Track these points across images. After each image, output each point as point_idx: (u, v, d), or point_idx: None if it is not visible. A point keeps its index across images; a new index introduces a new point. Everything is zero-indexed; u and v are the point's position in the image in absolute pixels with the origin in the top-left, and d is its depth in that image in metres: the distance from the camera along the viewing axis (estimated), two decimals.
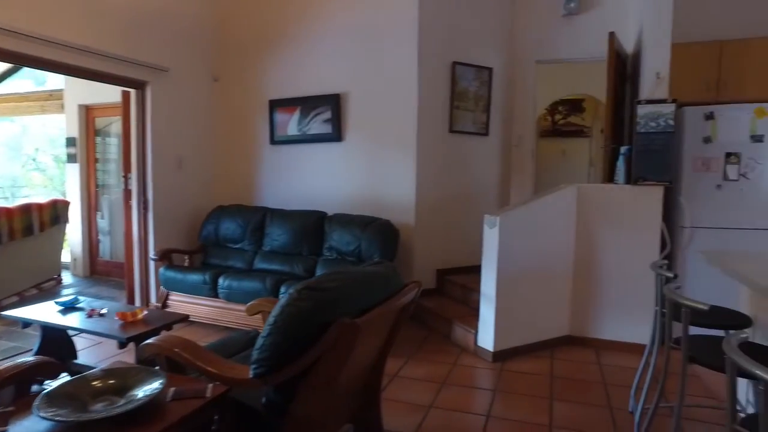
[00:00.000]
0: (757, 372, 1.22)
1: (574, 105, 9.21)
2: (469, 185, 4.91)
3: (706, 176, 3.85)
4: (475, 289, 3.96)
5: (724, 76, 4.02)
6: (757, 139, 3.74)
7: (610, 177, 4.19)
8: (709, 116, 3.81)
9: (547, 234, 3.81)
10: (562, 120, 9.38)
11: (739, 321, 2.43)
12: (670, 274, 2.41)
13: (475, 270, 3.89)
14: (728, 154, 3.80)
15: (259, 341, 1.76)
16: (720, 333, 2.48)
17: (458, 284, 4.48)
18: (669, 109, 3.65)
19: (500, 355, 3.63)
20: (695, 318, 2.03)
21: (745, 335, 1.49)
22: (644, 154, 3.73)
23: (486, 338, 3.66)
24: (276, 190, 5.22)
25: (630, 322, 3.86)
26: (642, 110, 3.71)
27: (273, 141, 5.23)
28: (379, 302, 1.96)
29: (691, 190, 3.88)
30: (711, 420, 2.83)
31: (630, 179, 3.82)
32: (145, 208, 4.63)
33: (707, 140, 3.83)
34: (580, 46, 4.90)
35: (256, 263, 4.68)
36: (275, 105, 5.18)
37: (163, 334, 2.35)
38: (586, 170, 9.03)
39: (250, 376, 1.77)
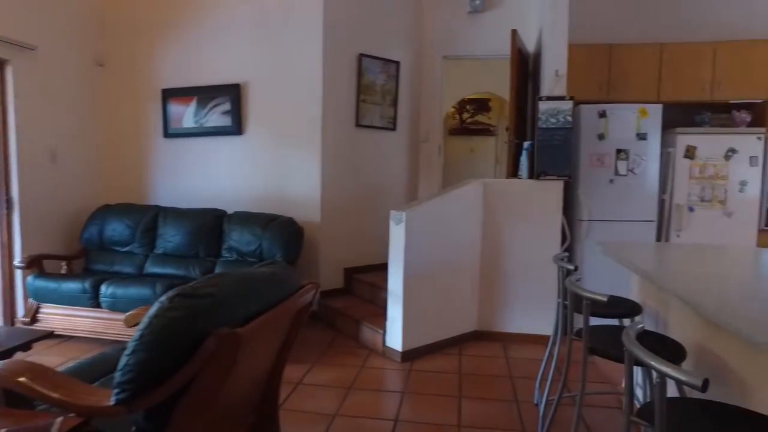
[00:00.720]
0: (653, 363, 1.18)
1: (481, 104, 9.49)
2: (377, 181, 4.80)
3: (600, 171, 4.03)
4: (383, 287, 3.85)
5: (613, 77, 4.24)
6: (641, 136, 3.97)
7: (514, 172, 4.27)
8: (602, 114, 3.98)
9: (455, 229, 3.79)
10: (470, 118, 9.62)
11: (632, 309, 2.51)
12: (571, 267, 2.43)
13: (384, 268, 3.78)
14: (618, 151, 4.00)
15: (122, 360, 1.48)
16: (615, 321, 2.56)
17: (367, 283, 4.35)
18: (567, 105, 3.76)
19: (409, 355, 3.54)
20: (595, 309, 2.03)
21: (640, 326, 1.47)
22: (545, 150, 3.82)
23: (394, 338, 3.55)
24: (170, 187, 4.78)
25: (535, 314, 3.94)
26: (543, 106, 3.79)
27: (167, 134, 4.79)
28: (269, 306, 1.75)
29: (587, 185, 4.04)
30: (610, 404, 2.92)
31: (532, 174, 3.89)
32: (9, 208, 4.01)
33: (601, 137, 4.00)
34: (485, 43, 4.96)
35: (147, 267, 4.24)
36: (169, 94, 4.74)
37: (11, 359, 1.96)
38: (492, 167, 9.35)
39: (112, 402, 1.49)
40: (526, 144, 3.98)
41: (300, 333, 2.10)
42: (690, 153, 4.04)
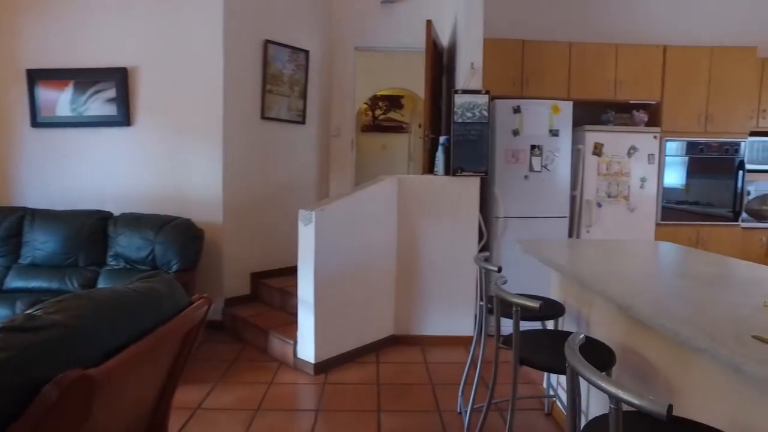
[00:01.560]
0: (612, 390, 1.01)
1: (394, 101, 9.39)
2: (286, 178, 4.45)
3: (515, 167, 3.99)
4: (294, 293, 3.53)
5: (526, 73, 4.23)
6: (554, 133, 3.99)
7: (430, 168, 4.12)
8: (517, 110, 3.95)
9: (369, 229, 3.56)
10: (383, 115, 9.49)
11: (556, 310, 2.42)
12: (494, 268, 2.28)
13: (295, 271, 3.46)
14: (533, 147, 3.99)
15: None
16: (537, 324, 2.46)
17: (276, 288, 4.00)
18: (483, 99, 3.67)
19: (323, 366, 3.25)
20: (524, 314, 1.89)
21: (581, 336, 1.32)
22: (462, 145, 3.71)
23: (306, 349, 3.25)
24: (41, 185, 4.09)
25: (454, 314, 3.82)
26: (459, 100, 3.67)
27: (36, 123, 4.10)
28: (145, 332, 1.39)
29: (503, 181, 4.00)
30: (532, 407, 2.84)
31: (449, 170, 3.77)
32: None
33: (516, 133, 3.97)
34: (398, 35, 4.78)
35: (8, 282, 3.57)
36: (37, 76, 4.05)
37: None
38: (405, 165, 9.29)
39: None
40: (442, 139, 3.84)
41: (200, 348, 1.75)
42: (598, 150, 4.13)
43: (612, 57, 4.29)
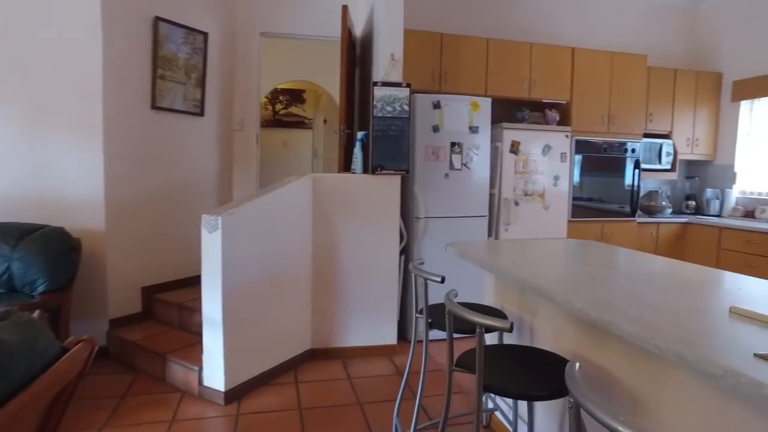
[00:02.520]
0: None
1: (295, 95, 8.94)
2: (183, 176, 3.90)
3: (435, 165, 3.83)
4: (196, 308, 3.06)
5: (445, 68, 4.08)
6: (474, 130, 3.89)
7: (346, 166, 3.83)
8: (437, 105, 3.79)
9: (282, 234, 3.18)
10: (283, 110, 9.00)
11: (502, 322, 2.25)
12: (437, 278, 2.05)
13: (196, 282, 2.99)
14: (453, 144, 3.85)
15: None
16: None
17: (174, 304, 3.46)
18: (404, 93, 3.45)
19: (234, 394, 2.83)
20: (462, 326, 1.67)
21: (578, 367, 1.11)
22: (382, 141, 3.46)
23: (214, 375, 2.80)
24: None
25: (375, 322, 3.57)
26: (379, 92, 3.41)
27: None
28: None
29: (423, 179, 3.82)
30: (468, 421, 2.67)
31: (368, 168, 3.50)
32: None
33: (435, 129, 3.81)
34: (308, 22, 4.41)
35: None
36: None
37: None
38: (310, 162, 8.89)
39: None
40: (360, 134, 3.56)
41: (81, 384, 1.30)
42: (515, 148, 4.11)
43: (527, 56, 4.29)
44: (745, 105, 5.18)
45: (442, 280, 2.02)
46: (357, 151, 3.55)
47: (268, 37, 4.50)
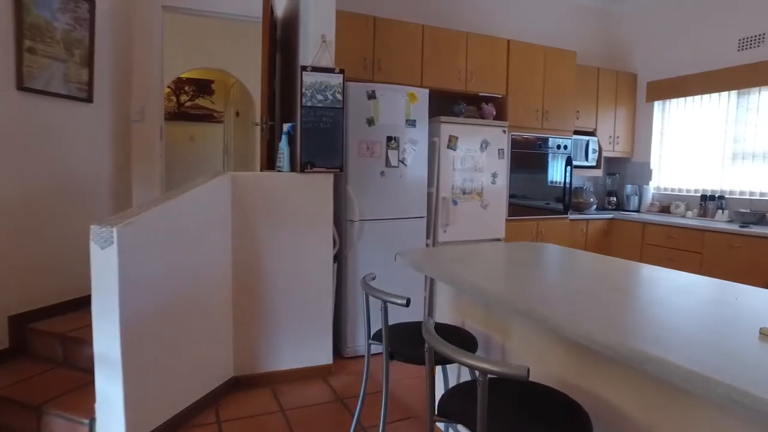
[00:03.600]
0: None
1: (203, 86, 8.14)
2: (64, 176, 3.18)
3: (371, 162, 3.46)
4: (86, 338, 2.43)
5: (378, 54, 3.72)
6: (411, 123, 3.57)
7: (270, 163, 3.35)
8: (371, 95, 3.41)
9: (195, 245, 2.64)
10: (190, 102, 8.17)
11: (466, 342, 1.92)
12: (401, 301, 1.68)
13: (82, 305, 2.37)
14: (389, 138, 3.50)
15: None
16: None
17: (56, 335, 2.77)
18: (337, 80, 3.04)
19: None
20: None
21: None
22: (312, 134, 3.02)
23: (112, 428, 2.22)
24: None
25: (308, 341, 3.14)
26: (309, 78, 2.97)
27: None
28: None
29: (357, 178, 3.43)
30: None
31: (296, 165, 3.05)
32: None
33: (370, 122, 3.43)
34: None
35: None
36: None
37: None
38: (221, 160, 8.15)
39: None
40: (286, 127, 3.10)
41: None
42: (452, 143, 3.85)
43: (463, 46, 4.05)
44: (658, 105, 5.36)
45: (407, 303, 1.65)
46: (283, 146, 3.08)
47: (171, 13, 3.86)
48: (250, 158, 6.60)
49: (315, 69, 2.99)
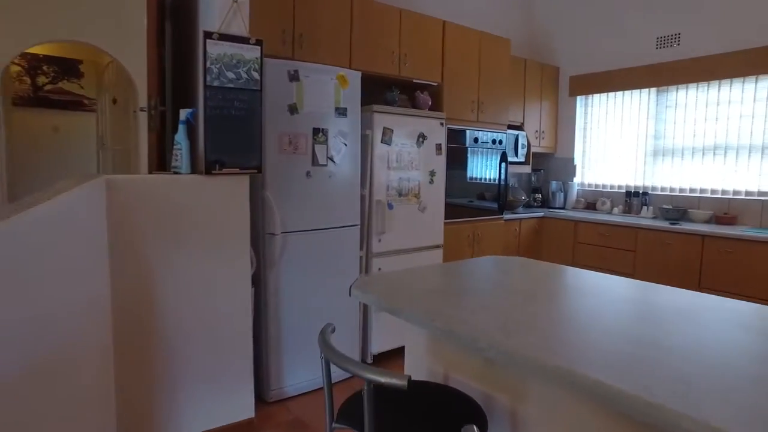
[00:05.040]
0: None
1: (68, 66, 6.75)
2: None
3: (294, 159, 2.79)
4: None
5: (300, 28, 3.03)
6: (341, 112, 2.96)
7: (162, 162, 2.55)
8: (294, 76, 2.74)
9: (50, 284, 1.81)
10: (50, 84, 6.75)
11: (468, 413, 1.38)
12: (402, 382, 1.08)
13: None
14: (316, 131, 2.86)
15: None
16: None
17: None
18: (253, 53, 2.33)
19: None
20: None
21: None
22: (221, 124, 2.29)
23: None
24: None
25: (224, 391, 2.42)
26: (215, 49, 2.23)
27: None
28: None
29: (277, 180, 2.75)
30: None
31: (199, 165, 2.31)
32: None
33: (293, 109, 2.76)
34: None
35: None
36: None
37: None
38: (95, 157, 6.85)
39: None
40: (184, 113, 2.33)
41: None
42: (387, 137, 3.29)
43: (396, 23, 3.49)
44: (580, 100, 5.26)
45: (409, 383, 1.06)
46: (180, 139, 2.31)
47: None
48: (134, 154, 5.51)
49: (223, 37, 2.26)
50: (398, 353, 3.50)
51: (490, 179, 4.21)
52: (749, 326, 1.34)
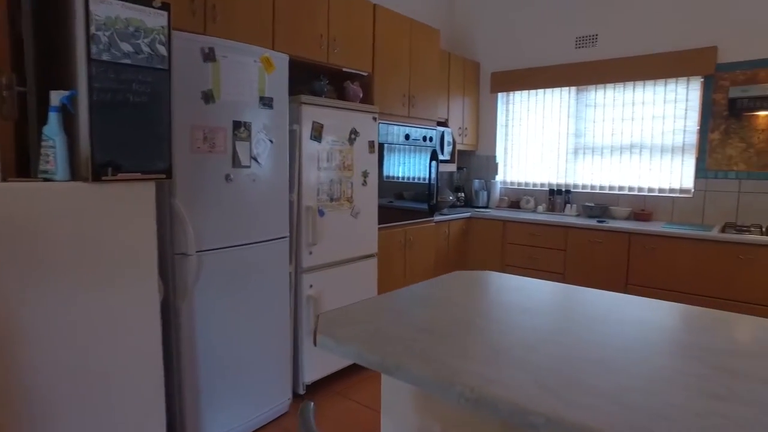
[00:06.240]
0: None
1: None
2: None
3: (210, 160, 2.24)
4: None
5: None
6: (266, 103, 2.45)
7: (25, 163, 1.87)
8: (209, 56, 2.18)
9: None
10: None
11: None
12: None
13: None
14: (237, 124, 2.33)
15: None
16: None
17: None
18: (159, 20, 1.76)
19: None
20: None
21: None
22: (115, 112, 1.70)
23: None
24: None
25: None
26: (103, 9, 1.63)
27: None
28: None
29: (189, 186, 2.18)
30: None
31: (81, 168, 1.70)
32: None
33: (208, 97, 2.20)
34: None
35: None
36: None
37: None
38: None
39: None
40: (57, 97, 1.69)
41: None
42: (317, 133, 2.83)
43: (324, 2, 3.02)
44: (502, 97, 5.17)
45: None
46: (53, 134, 1.68)
47: None
48: None
49: None
50: (334, 380, 3.08)
51: (420, 179, 3.91)
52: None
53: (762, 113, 3.73)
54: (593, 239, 3.96)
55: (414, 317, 1.45)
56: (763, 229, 3.55)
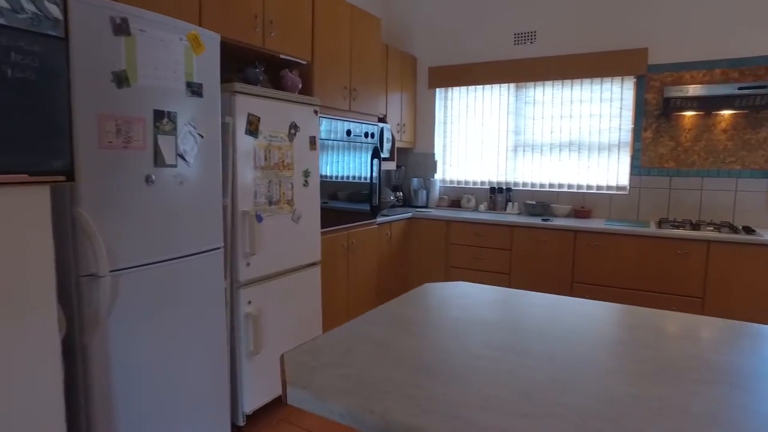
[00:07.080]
0: None
1: None
2: None
3: (125, 157, 1.81)
4: None
5: None
6: (195, 90, 2.05)
7: None
8: (122, 27, 1.75)
9: None
10: None
11: None
12: None
13: None
14: (159, 114, 1.91)
15: None
16: None
17: None
18: None
19: None
20: None
21: None
22: None
23: None
24: None
25: None
26: None
27: None
28: None
29: (100, 190, 1.74)
30: None
31: None
32: None
33: (122, 80, 1.77)
34: None
35: None
36: None
37: None
38: None
39: None
40: None
41: None
42: (253, 127, 2.46)
43: None
44: (440, 93, 5.01)
45: None
46: None
47: None
48: None
49: None
50: (278, 405, 2.73)
51: (360, 178, 3.63)
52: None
53: (689, 113, 3.84)
54: (539, 238, 3.90)
55: (400, 350, 1.17)
56: (693, 224, 3.65)
